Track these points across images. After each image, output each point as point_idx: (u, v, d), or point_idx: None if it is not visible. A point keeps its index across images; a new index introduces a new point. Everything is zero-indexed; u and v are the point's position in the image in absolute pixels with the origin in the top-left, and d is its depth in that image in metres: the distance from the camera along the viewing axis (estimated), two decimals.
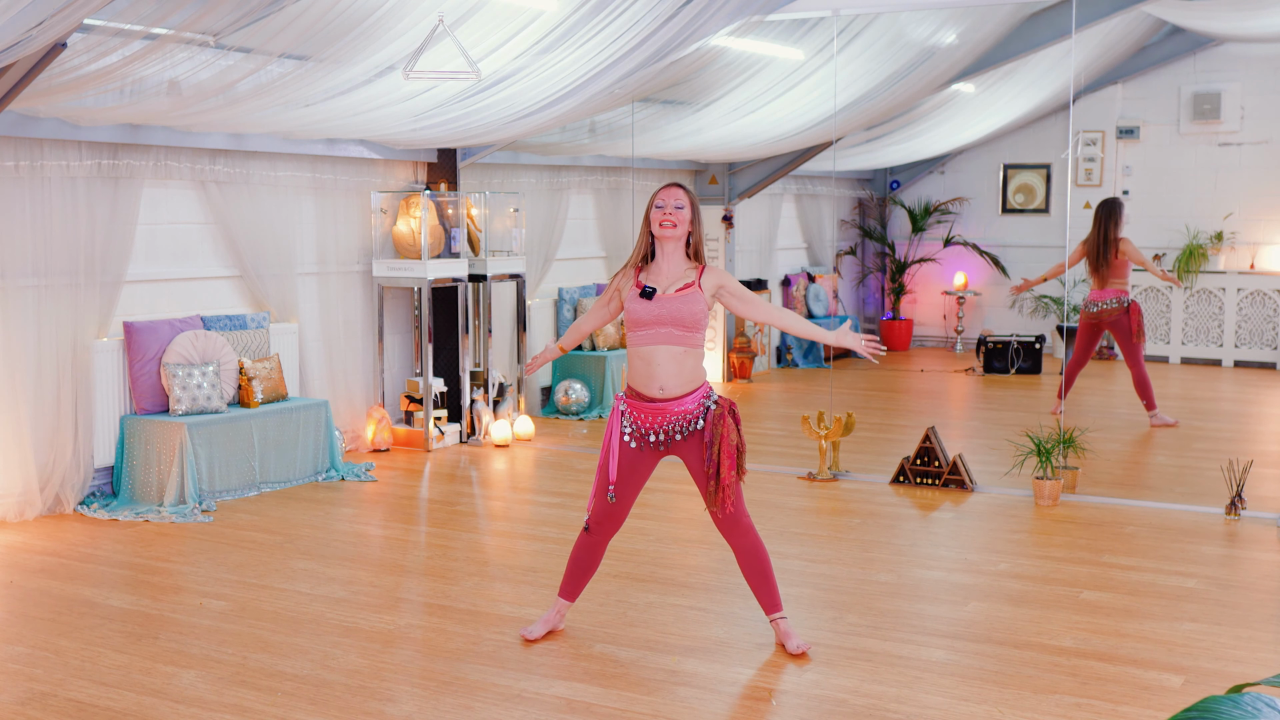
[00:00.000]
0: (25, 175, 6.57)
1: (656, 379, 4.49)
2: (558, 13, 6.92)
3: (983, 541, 6.33)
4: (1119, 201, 9.43)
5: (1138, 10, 9.55)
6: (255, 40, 6.31)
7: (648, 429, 4.56)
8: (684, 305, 4.46)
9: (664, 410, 4.52)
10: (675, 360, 4.48)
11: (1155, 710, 4.15)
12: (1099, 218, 9.38)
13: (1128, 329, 9.35)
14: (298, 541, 6.25)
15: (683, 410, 4.52)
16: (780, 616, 4.72)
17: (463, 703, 4.22)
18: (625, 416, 4.59)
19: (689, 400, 4.52)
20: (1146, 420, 9.54)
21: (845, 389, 11.35)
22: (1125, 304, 9.35)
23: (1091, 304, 9.43)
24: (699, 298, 4.49)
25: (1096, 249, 9.35)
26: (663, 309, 4.46)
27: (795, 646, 4.64)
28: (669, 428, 4.53)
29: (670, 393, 4.50)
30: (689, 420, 4.52)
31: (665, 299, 4.47)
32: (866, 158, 13.18)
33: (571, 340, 4.88)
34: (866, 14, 8.91)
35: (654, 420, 4.54)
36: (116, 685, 4.37)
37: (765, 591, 4.70)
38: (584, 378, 10.11)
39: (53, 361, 6.77)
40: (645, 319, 4.48)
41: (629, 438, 4.59)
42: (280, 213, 8.03)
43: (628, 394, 4.60)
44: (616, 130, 9.68)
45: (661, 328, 4.46)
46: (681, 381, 4.50)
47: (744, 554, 4.67)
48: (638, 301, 4.49)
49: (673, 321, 4.46)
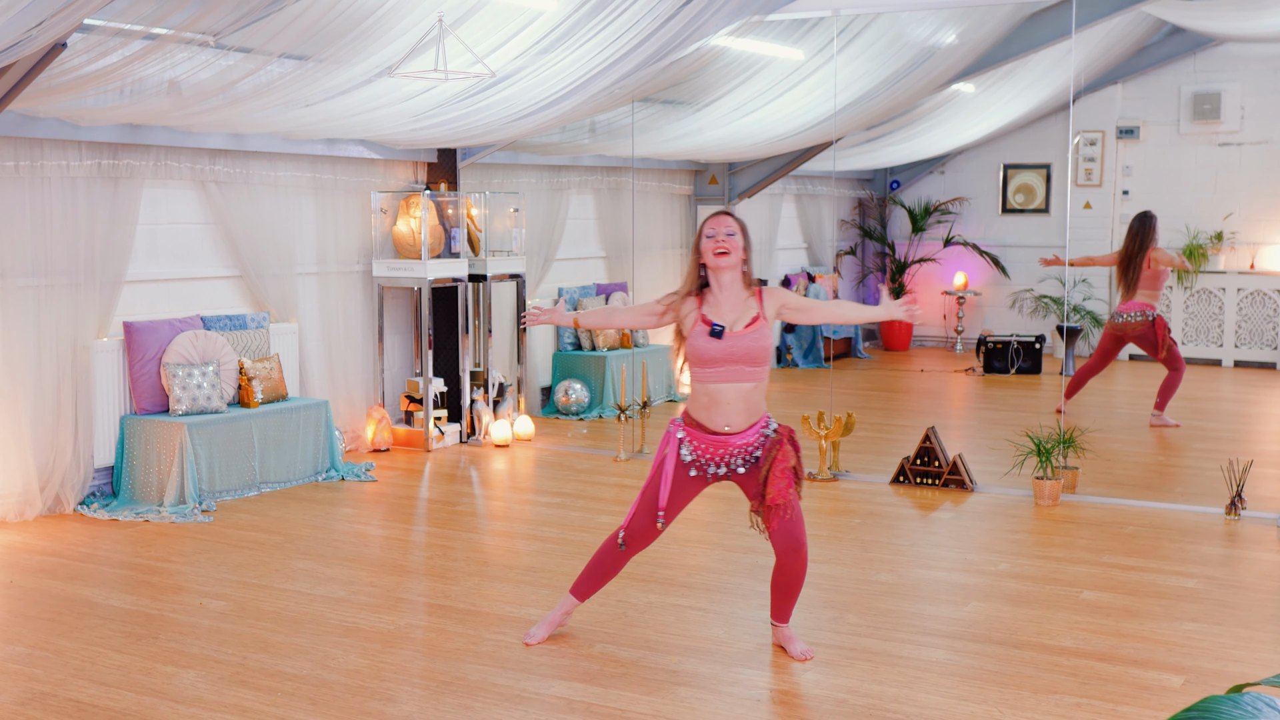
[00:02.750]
0: (25, 175, 6.57)
1: (724, 416, 4.45)
2: (558, 13, 6.92)
3: (983, 541, 6.33)
4: (1154, 216, 9.35)
5: (1138, 10, 9.55)
6: (255, 40, 6.31)
7: (708, 459, 4.52)
8: (754, 342, 4.41)
9: (726, 444, 4.49)
10: (744, 397, 4.44)
11: (1155, 710, 4.15)
12: (1134, 231, 9.31)
13: (1153, 342, 9.31)
14: (298, 541, 6.25)
15: (744, 443, 4.50)
16: (784, 627, 4.73)
17: (463, 703, 4.22)
18: (685, 445, 4.55)
19: (750, 433, 4.50)
20: (1147, 420, 9.54)
21: (845, 389, 11.36)
22: (1151, 318, 9.27)
23: (1118, 315, 9.41)
24: (766, 331, 4.45)
25: (1127, 261, 9.30)
26: (733, 347, 4.40)
27: (800, 651, 4.64)
28: (730, 460, 4.52)
29: (736, 428, 4.47)
30: (750, 451, 4.51)
31: (734, 336, 4.41)
32: (866, 158, 13.18)
33: (593, 321, 4.78)
34: (866, 14, 8.91)
35: (716, 452, 4.51)
36: (116, 685, 4.37)
37: (784, 603, 4.69)
38: (584, 378, 10.11)
39: (53, 361, 6.77)
40: (715, 356, 4.41)
41: (690, 466, 4.55)
42: (280, 213, 8.03)
43: (686, 421, 4.55)
44: (616, 130, 9.68)
45: (732, 365, 4.41)
46: (747, 417, 4.47)
47: (788, 572, 4.60)
48: (706, 340, 4.41)
49: (743, 359, 4.41)
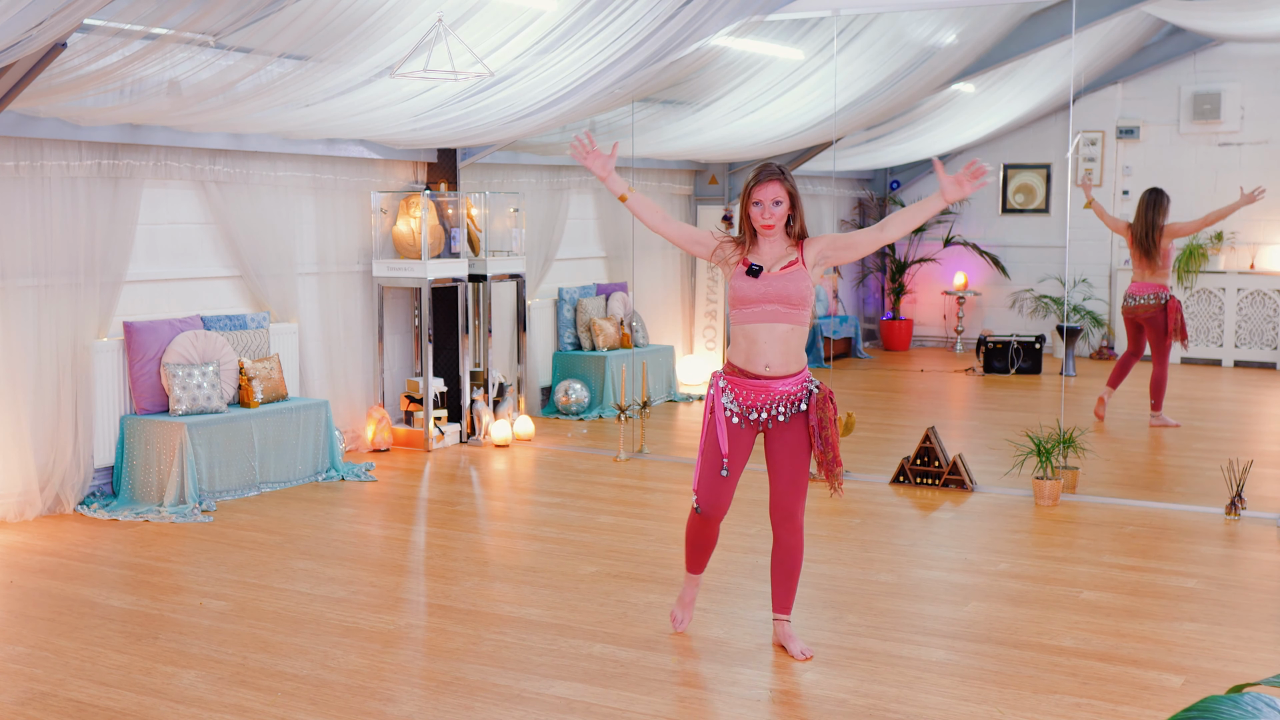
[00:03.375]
0: (25, 175, 6.57)
1: (762, 356, 4.49)
2: (558, 13, 6.92)
3: (983, 541, 6.33)
4: (1164, 192, 9.28)
5: (1138, 10, 9.55)
6: (255, 40, 6.31)
7: (750, 406, 4.54)
8: (789, 283, 4.46)
9: (768, 388, 4.51)
10: (781, 339, 4.49)
11: (1155, 710, 4.15)
12: (1146, 203, 9.23)
13: (1163, 326, 9.22)
14: (298, 541, 6.25)
15: (786, 390, 4.52)
16: (785, 619, 4.73)
17: (463, 703, 4.22)
18: (727, 393, 4.58)
19: (792, 381, 4.53)
20: (1147, 420, 9.54)
21: (845, 389, 11.35)
22: (1164, 300, 9.23)
23: (1130, 297, 9.33)
24: (803, 274, 4.50)
25: (1144, 236, 9.21)
26: (769, 286, 4.46)
27: (799, 651, 4.65)
28: (772, 406, 4.53)
29: (775, 370, 4.50)
30: (794, 401, 4.53)
31: (771, 277, 4.47)
32: (866, 158, 13.17)
33: (641, 205, 4.64)
34: (866, 14, 8.91)
35: (758, 397, 4.53)
36: (116, 685, 4.37)
37: (784, 591, 4.71)
38: (584, 378, 10.11)
39: (53, 361, 6.77)
40: (751, 296, 4.47)
41: (732, 414, 4.57)
42: (280, 213, 8.02)
43: (727, 370, 4.60)
44: (616, 130, 9.68)
45: (768, 305, 4.47)
46: (786, 360, 4.50)
47: (784, 549, 4.65)
48: (743, 279, 4.49)
49: (778, 299, 4.46)
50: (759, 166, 4.56)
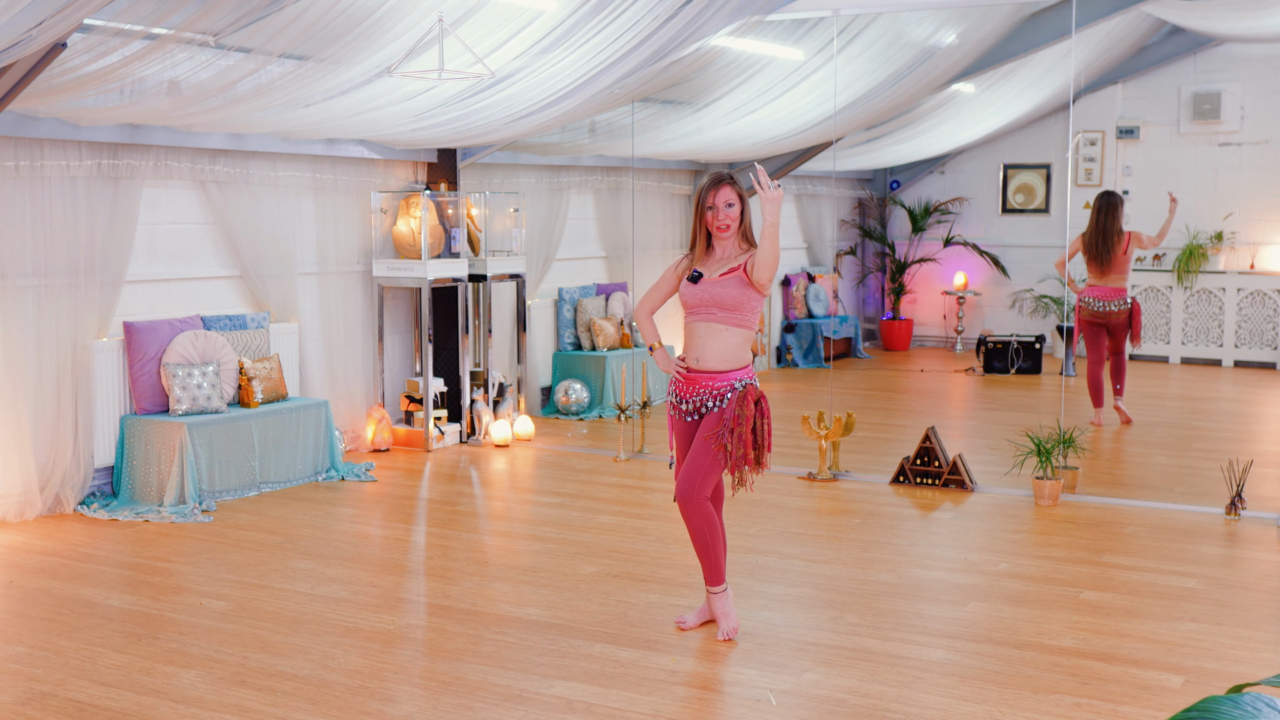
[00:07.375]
0: (25, 175, 6.57)
1: (694, 350, 4.78)
2: (558, 13, 6.92)
3: (983, 541, 6.33)
4: (1117, 195, 9.31)
5: (1138, 10, 9.55)
6: (255, 40, 6.31)
7: (681, 396, 4.84)
8: (723, 289, 4.72)
9: (696, 380, 4.79)
10: (715, 336, 4.75)
11: (1155, 710, 4.15)
12: (1098, 208, 9.26)
13: (1130, 329, 9.31)
14: (298, 541, 6.25)
15: (713, 385, 4.76)
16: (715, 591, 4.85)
17: (463, 703, 4.22)
18: (671, 387, 4.91)
19: (721, 378, 4.75)
20: (1146, 420, 9.54)
21: (845, 389, 11.36)
22: (1128, 304, 9.28)
23: (1095, 301, 9.28)
24: (738, 281, 4.73)
25: (1095, 242, 9.23)
26: (706, 292, 4.74)
27: (724, 632, 4.80)
28: (697, 399, 4.79)
29: (705, 365, 4.76)
30: (719, 395, 4.76)
31: (709, 283, 4.75)
32: (866, 158, 13.17)
33: (653, 331, 5.01)
34: (866, 14, 8.90)
35: (687, 389, 4.82)
36: (116, 685, 4.37)
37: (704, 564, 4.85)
38: (584, 378, 10.11)
39: (53, 361, 6.77)
40: (692, 302, 4.79)
41: (671, 405, 4.92)
42: (280, 213, 8.02)
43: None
44: (616, 130, 9.68)
45: (705, 309, 4.75)
46: (717, 357, 4.75)
47: (690, 526, 4.78)
48: (686, 285, 4.80)
49: (714, 304, 4.74)
50: (709, 175, 4.82)
